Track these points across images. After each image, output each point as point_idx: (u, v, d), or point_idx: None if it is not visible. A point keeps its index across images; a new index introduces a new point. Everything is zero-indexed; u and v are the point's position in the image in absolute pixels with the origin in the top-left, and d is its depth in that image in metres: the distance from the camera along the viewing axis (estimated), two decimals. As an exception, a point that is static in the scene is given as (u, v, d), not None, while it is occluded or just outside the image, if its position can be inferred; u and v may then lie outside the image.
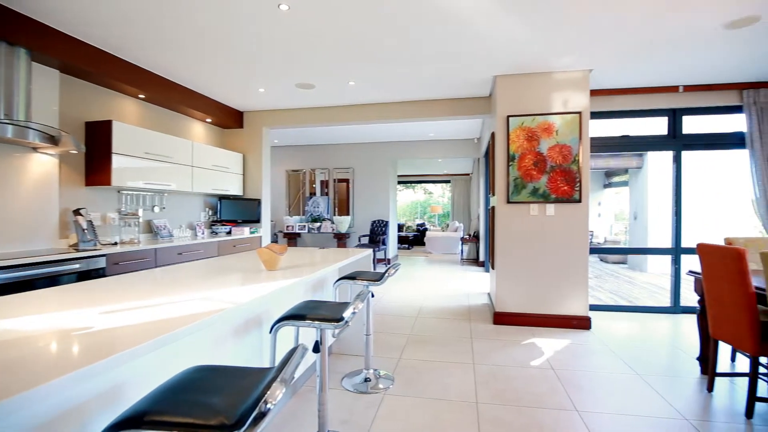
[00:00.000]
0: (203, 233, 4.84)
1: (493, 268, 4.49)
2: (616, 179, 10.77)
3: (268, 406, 0.85)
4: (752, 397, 2.29)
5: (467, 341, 3.55)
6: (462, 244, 8.91)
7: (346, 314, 1.74)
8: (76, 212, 3.27)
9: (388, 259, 8.33)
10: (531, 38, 3.21)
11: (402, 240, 12.27)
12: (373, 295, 2.77)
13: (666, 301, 4.77)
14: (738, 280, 2.28)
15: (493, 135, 4.45)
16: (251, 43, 3.29)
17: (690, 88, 4.33)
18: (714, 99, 4.33)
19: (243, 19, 2.89)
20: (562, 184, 3.89)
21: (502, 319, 4.04)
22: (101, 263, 3.07)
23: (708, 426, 2.19)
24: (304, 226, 7.76)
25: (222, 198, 5.17)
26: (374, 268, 7.42)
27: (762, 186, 4.20)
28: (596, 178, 11.44)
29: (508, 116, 3.99)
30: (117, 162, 3.51)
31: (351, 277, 2.61)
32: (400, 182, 14.24)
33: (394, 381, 2.73)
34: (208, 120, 5.09)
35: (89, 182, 3.55)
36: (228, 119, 5.21)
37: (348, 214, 8.39)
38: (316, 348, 1.86)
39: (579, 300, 3.94)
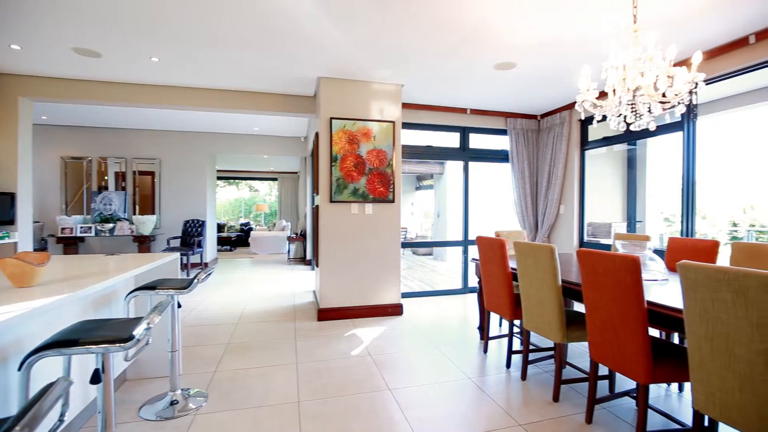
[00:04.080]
0: None
1: (317, 265, 4.57)
2: (425, 183, 12.54)
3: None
4: (510, 352, 2.99)
5: (291, 341, 3.49)
6: (289, 243, 8.79)
7: (138, 331, 1.44)
8: None
9: (206, 263, 7.51)
10: (354, 48, 3.38)
11: (223, 241, 11.28)
12: (180, 305, 2.42)
13: (459, 284, 5.79)
14: (500, 263, 2.93)
15: (317, 135, 4.52)
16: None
17: (474, 112, 5.37)
18: (490, 122, 5.49)
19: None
20: (379, 186, 4.26)
21: (326, 314, 4.15)
22: None
23: (483, 380, 2.75)
24: (90, 228, 6.24)
25: (-56, 190, 3.65)
26: (188, 275, 6.57)
27: (517, 192, 5.56)
28: (410, 181, 13.06)
29: (331, 118, 4.12)
30: None
31: (150, 287, 2.21)
32: (220, 178, 13.06)
33: (208, 397, 2.45)
34: None
35: None
36: (-44, 80, 3.72)
37: (153, 213, 7.17)
38: (96, 378, 1.49)
39: (393, 290, 4.39)
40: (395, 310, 4.38)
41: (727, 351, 1.46)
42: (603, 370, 2.78)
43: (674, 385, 2.67)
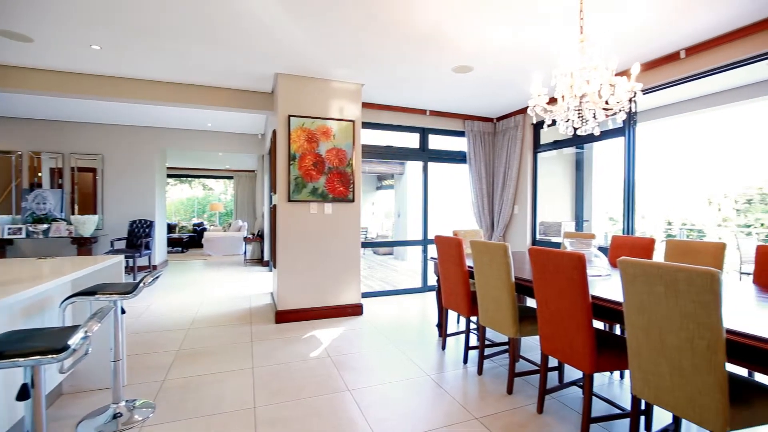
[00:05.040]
0: None
1: (275, 266, 4.45)
2: (385, 183, 12.60)
3: None
4: (467, 348, 3.06)
5: (247, 345, 3.38)
6: (246, 244, 8.51)
7: (74, 341, 1.33)
8: None
9: (154, 266, 7.10)
10: (313, 44, 3.32)
11: (174, 242, 10.72)
12: (124, 311, 2.26)
13: (419, 283, 5.87)
14: (458, 261, 3.00)
15: (275, 133, 4.40)
16: None
17: (434, 113, 5.46)
18: (448, 124, 5.61)
19: None
20: (339, 185, 4.22)
21: (284, 317, 4.05)
22: None
23: (442, 376, 2.80)
24: (20, 229, 5.69)
25: None
26: (134, 278, 6.18)
27: (475, 192, 5.72)
28: (371, 181, 13.08)
29: (290, 116, 4.03)
30: None
31: (90, 292, 2.05)
32: (171, 175, 12.43)
33: (156, 408, 2.32)
34: None
35: None
36: None
37: (95, 212, 6.67)
38: (24, 394, 1.36)
39: (353, 290, 4.37)
40: (355, 310, 4.36)
41: (660, 339, 1.58)
42: (553, 362, 2.92)
43: (616, 373, 2.86)
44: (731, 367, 1.53)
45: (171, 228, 11.84)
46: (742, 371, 2.40)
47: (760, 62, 2.99)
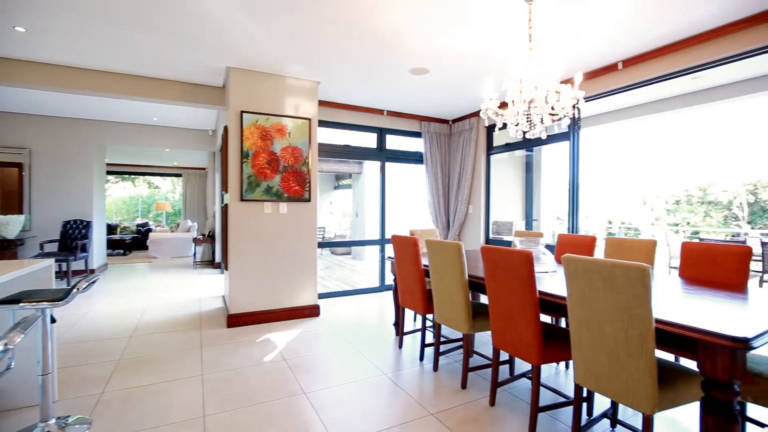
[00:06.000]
0: None
1: (227, 268, 4.28)
2: (343, 182, 12.51)
3: None
4: (423, 345, 3.11)
5: (196, 351, 3.21)
6: (195, 245, 8.10)
7: (-9, 355, 1.20)
8: None
9: (92, 270, 6.57)
10: (267, 39, 3.22)
11: (115, 244, 9.99)
12: (54, 320, 2.07)
13: (376, 282, 5.88)
14: (414, 260, 3.03)
15: (226, 129, 4.23)
16: None
17: (391, 113, 5.49)
18: (405, 125, 5.67)
19: None
20: (294, 184, 4.13)
21: (237, 320, 3.90)
22: None
23: (398, 374, 2.82)
24: (-69, 230, 5.05)
25: None
26: (68, 283, 5.69)
27: (431, 192, 5.82)
28: (329, 180, 12.94)
29: (242, 112, 3.88)
30: None
31: (13, 300, 1.84)
32: (111, 172, 11.58)
33: (92, 423, 2.14)
34: None
35: None
36: None
37: (21, 212, 6.05)
38: (-72, 417, 1.20)
39: (309, 291, 4.30)
40: (312, 311, 4.29)
41: (599, 331, 1.69)
42: (504, 356, 3.04)
43: (562, 364, 3.03)
44: (660, 354, 1.67)
45: (112, 229, 11.02)
46: (669, 356, 2.63)
47: (684, 76, 3.30)
